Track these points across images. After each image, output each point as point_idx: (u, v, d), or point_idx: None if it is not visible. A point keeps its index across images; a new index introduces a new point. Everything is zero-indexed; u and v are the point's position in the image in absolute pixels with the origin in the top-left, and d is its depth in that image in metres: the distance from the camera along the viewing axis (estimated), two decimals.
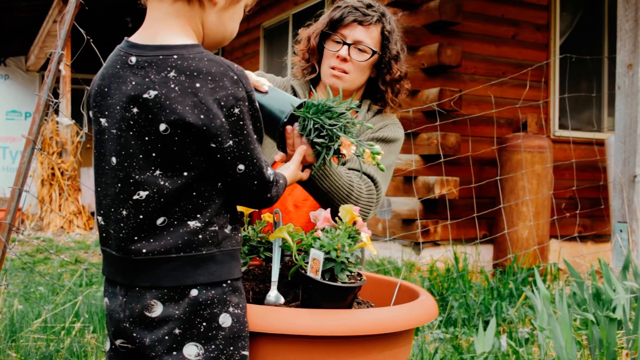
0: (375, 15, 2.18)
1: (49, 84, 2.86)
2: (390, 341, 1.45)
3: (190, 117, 1.25)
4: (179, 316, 1.29)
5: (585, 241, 6.71)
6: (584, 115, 7.26)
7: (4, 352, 3.00)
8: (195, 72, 1.28)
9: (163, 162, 1.29)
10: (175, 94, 1.27)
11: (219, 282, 1.31)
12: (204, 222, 1.31)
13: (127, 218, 1.30)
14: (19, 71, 13.74)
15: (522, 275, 4.78)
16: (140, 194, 1.29)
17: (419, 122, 5.84)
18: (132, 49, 1.34)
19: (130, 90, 1.31)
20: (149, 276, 1.29)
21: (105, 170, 1.34)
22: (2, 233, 2.82)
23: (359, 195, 2.00)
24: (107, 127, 1.34)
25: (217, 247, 1.32)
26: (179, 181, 1.29)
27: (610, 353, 2.74)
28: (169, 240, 1.29)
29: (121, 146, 1.31)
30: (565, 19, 7.11)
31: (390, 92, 2.27)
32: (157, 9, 1.38)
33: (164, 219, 1.29)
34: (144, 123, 1.29)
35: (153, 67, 1.30)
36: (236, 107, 1.29)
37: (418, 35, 6.00)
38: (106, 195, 1.34)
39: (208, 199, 1.32)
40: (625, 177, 4.30)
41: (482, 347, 3.06)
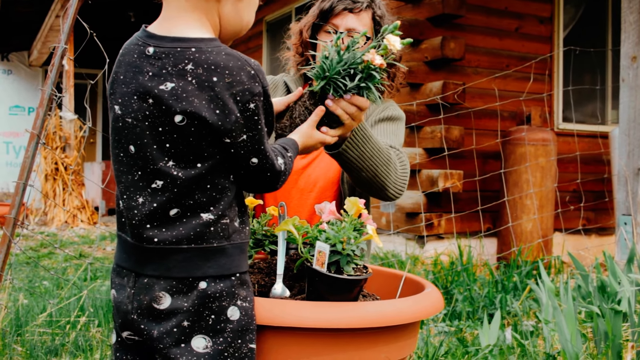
0: (364, 1, 2.18)
1: (53, 79, 2.86)
2: (396, 334, 1.45)
3: (206, 112, 1.26)
4: (188, 308, 1.29)
5: (590, 234, 6.70)
6: (587, 108, 7.25)
7: (10, 347, 3.01)
8: (213, 65, 1.28)
9: (177, 153, 1.29)
10: (192, 87, 1.27)
11: (228, 275, 1.31)
12: (217, 215, 1.31)
13: (142, 205, 1.31)
14: (21, 66, 13.75)
15: (526, 268, 4.77)
16: (157, 182, 1.30)
17: (423, 115, 5.83)
18: (150, 40, 1.35)
19: (147, 81, 1.31)
20: (159, 265, 1.30)
21: (121, 158, 1.35)
22: (7, 228, 2.82)
23: (395, 164, 1.98)
24: (122, 115, 1.35)
25: (228, 240, 1.32)
26: (192, 172, 1.29)
27: (615, 345, 2.74)
28: (181, 230, 1.29)
29: (137, 136, 1.32)
30: (569, 12, 7.08)
31: (386, 77, 2.24)
32: (174, 1, 1.38)
33: (177, 210, 1.30)
34: (158, 114, 1.29)
35: (170, 58, 1.31)
36: (252, 102, 1.29)
37: (421, 28, 5.98)
38: (121, 182, 1.35)
39: (221, 191, 1.32)
40: (629, 170, 4.29)
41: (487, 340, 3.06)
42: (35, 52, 12.22)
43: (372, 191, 1.98)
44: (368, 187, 1.95)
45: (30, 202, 10.02)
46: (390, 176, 1.96)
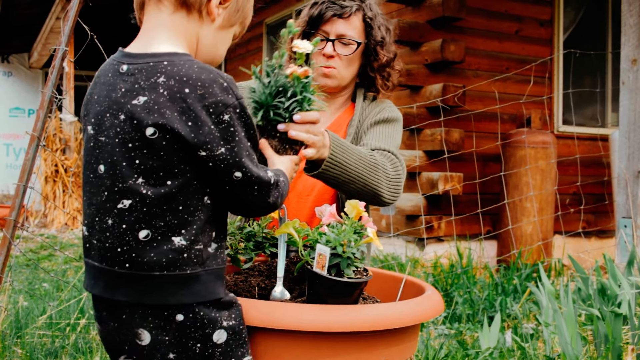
0: (354, 5, 2.15)
1: (53, 81, 2.86)
2: (397, 337, 1.45)
3: (178, 124, 1.24)
4: (170, 341, 1.25)
5: (590, 237, 6.70)
6: (587, 110, 7.25)
7: (10, 349, 3.01)
8: (185, 77, 1.27)
9: (146, 170, 1.25)
10: (164, 98, 1.26)
11: (204, 302, 1.27)
12: (189, 240, 1.26)
13: (112, 227, 1.27)
14: (22, 68, 13.75)
15: (526, 271, 4.77)
16: (124, 202, 1.26)
17: (423, 118, 5.83)
18: (124, 58, 1.35)
19: (120, 97, 1.30)
20: (130, 291, 1.26)
21: (91, 179, 1.32)
22: (7, 230, 2.82)
23: (385, 168, 1.97)
24: (94, 134, 1.33)
25: (202, 266, 1.28)
26: (162, 190, 1.25)
27: (615, 348, 2.74)
28: (152, 257, 1.25)
29: (108, 154, 1.29)
30: (569, 15, 7.09)
31: (380, 78, 2.23)
32: (154, 18, 1.38)
33: (148, 233, 1.25)
34: (129, 129, 1.27)
35: (143, 73, 1.30)
36: (225, 113, 1.26)
37: (421, 31, 5.99)
38: (91, 204, 1.32)
39: (193, 213, 1.28)
40: (629, 173, 4.29)
41: (487, 342, 3.06)
42: (35, 54, 12.22)
43: (366, 200, 1.97)
44: (361, 198, 1.93)
45: (30, 204, 10.02)
46: (380, 182, 1.95)
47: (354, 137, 2.20)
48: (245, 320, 1.34)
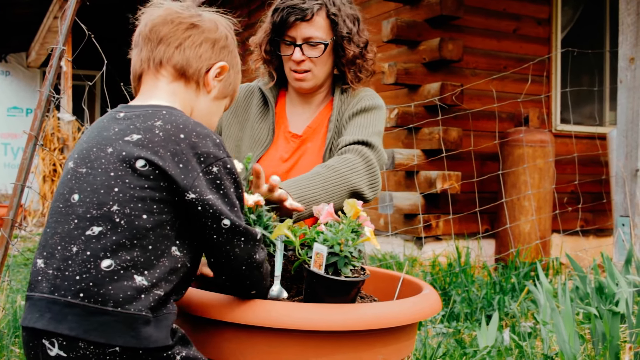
0: (315, 5, 2.11)
1: (51, 80, 2.85)
2: (394, 335, 1.45)
3: (170, 164, 1.25)
4: None
5: (588, 235, 6.70)
6: (585, 109, 7.25)
7: (8, 348, 3.00)
8: (182, 125, 1.30)
9: (124, 199, 1.24)
10: (158, 138, 1.28)
11: (154, 348, 1.21)
12: (151, 282, 1.22)
13: (76, 255, 1.22)
14: (19, 67, 13.72)
15: (524, 270, 4.77)
16: (93, 229, 1.23)
17: (421, 116, 5.83)
18: (123, 108, 1.38)
19: (111, 135, 1.32)
20: (77, 325, 1.18)
21: (60, 209, 1.30)
22: (5, 229, 2.82)
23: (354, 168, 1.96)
24: (74, 167, 1.33)
25: (155, 312, 1.22)
26: (136, 222, 1.23)
27: (613, 347, 2.74)
28: (109, 290, 1.19)
29: (87, 183, 1.28)
30: (567, 13, 7.09)
31: (349, 72, 2.20)
32: (152, 86, 1.43)
33: (111, 263, 1.20)
34: (114, 160, 1.27)
35: (140, 117, 1.32)
36: (215, 165, 1.29)
37: (419, 30, 5.98)
38: (55, 234, 1.27)
39: (159, 258, 1.25)
40: (627, 171, 4.29)
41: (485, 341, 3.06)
42: (33, 53, 12.20)
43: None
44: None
45: (28, 203, 10.01)
46: (350, 183, 1.95)
47: (334, 132, 2.19)
48: (244, 320, 1.34)
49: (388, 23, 5.91)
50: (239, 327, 1.35)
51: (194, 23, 1.45)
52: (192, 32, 1.44)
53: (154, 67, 1.43)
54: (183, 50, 1.42)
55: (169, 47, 1.42)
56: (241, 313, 1.34)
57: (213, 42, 1.46)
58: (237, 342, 1.37)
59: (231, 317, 1.34)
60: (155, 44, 1.42)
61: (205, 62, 1.45)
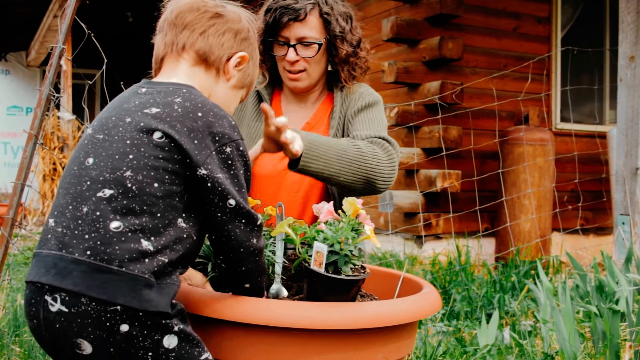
0: (307, 5, 2.08)
1: (51, 79, 2.85)
2: (394, 334, 1.45)
3: (185, 139, 1.29)
4: (117, 352, 1.21)
5: (588, 234, 6.70)
6: (585, 107, 7.25)
7: (8, 347, 3.00)
8: (200, 104, 1.35)
9: (138, 166, 1.27)
10: (176, 113, 1.32)
11: (153, 312, 1.22)
12: (156, 249, 1.25)
13: (86, 215, 1.25)
14: (19, 66, 13.71)
15: (524, 268, 4.78)
16: (105, 191, 1.26)
17: (421, 115, 5.83)
18: (145, 84, 1.43)
19: (131, 107, 1.36)
20: (81, 281, 1.20)
21: (74, 171, 1.33)
22: (5, 228, 2.82)
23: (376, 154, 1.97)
24: (92, 133, 1.37)
25: (158, 279, 1.24)
26: (147, 189, 1.26)
27: (613, 345, 2.74)
28: (116, 250, 1.21)
29: (103, 148, 1.31)
30: (567, 12, 7.09)
31: (342, 71, 2.19)
32: (173, 68, 1.48)
33: (120, 225, 1.23)
34: (132, 129, 1.31)
35: (161, 93, 1.37)
36: (228, 146, 1.33)
37: (419, 29, 5.98)
38: (67, 194, 1.30)
39: (166, 227, 1.28)
40: (627, 170, 4.29)
41: (485, 339, 3.06)
42: (33, 52, 12.19)
43: (359, 189, 1.97)
44: (354, 188, 1.94)
45: (28, 202, 10.01)
46: (370, 170, 1.94)
47: (337, 128, 2.19)
48: (243, 318, 1.34)
49: (388, 22, 5.90)
50: (238, 326, 1.35)
51: (218, 13, 1.50)
52: (216, 20, 1.49)
53: (176, 51, 1.48)
54: (207, 37, 1.47)
55: (193, 33, 1.47)
56: (241, 311, 1.34)
57: (235, 33, 1.51)
58: (237, 341, 1.37)
59: (231, 315, 1.34)
60: (180, 29, 1.48)
61: (227, 50, 1.50)
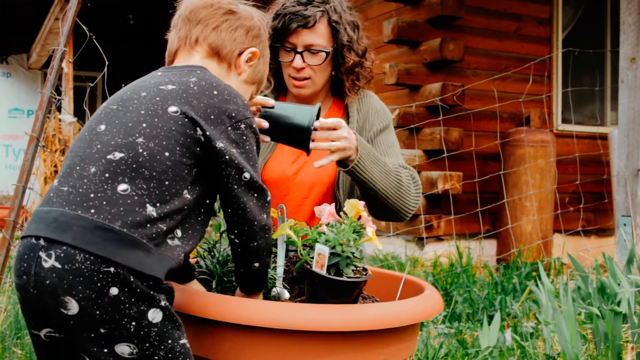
0: (317, 12, 2.06)
1: (52, 81, 2.86)
2: (396, 336, 1.45)
3: (201, 115, 1.34)
4: (102, 316, 1.20)
5: (589, 235, 6.70)
6: (587, 109, 7.25)
7: (10, 349, 3.00)
8: (215, 84, 1.40)
9: (150, 135, 1.30)
10: (192, 91, 1.37)
11: (147, 275, 1.22)
12: (159, 216, 1.26)
13: (94, 175, 1.26)
14: (21, 69, 13.72)
15: (526, 270, 4.77)
16: (115, 154, 1.28)
17: (422, 117, 5.83)
18: (162, 69, 1.49)
19: (147, 84, 1.40)
20: (81, 236, 1.20)
21: (85, 137, 1.36)
22: (6, 230, 2.82)
23: (409, 191, 2.08)
24: (106, 105, 1.40)
25: (157, 246, 1.26)
26: (158, 157, 1.29)
27: (615, 347, 2.74)
28: (120, 211, 1.23)
29: (116, 117, 1.35)
30: (568, 13, 7.09)
31: (347, 80, 2.18)
32: (187, 57, 1.53)
33: (127, 188, 1.25)
34: (147, 102, 1.35)
35: (176, 74, 1.43)
36: (243, 123, 1.38)
37: (420, 30, 5.98)
38: (75, 156, 1.32)
39: (173, 196, 1.30)
40: (628, 171, 4.29)
41: (487, 341, 3.06)
42: (34, 54, 12.20)
43: (385, 213, 2.09)
44: (382, 210, 2.07)
45: (30, 204, 10.01)
46: (402, 202, 2.06)
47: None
48: (245, 320, 1.34)
49: (389, 23, 5.91)
50: (239, 327, 1.35)
51: (231, 9, 1.56)
52: (229, 17, 1.55)
53: (189, 44, 1.53)
54: (220, 32, 1.53)
55: (206, 28, 1.52)
56: (242, 313, 1.34)
57: (247, 29, 1.56)
58: (238, 343, 1.37)
59: (232, 317, 1.34)
60: (194, 24, 1.53)
61: (238, 45, 1.55)
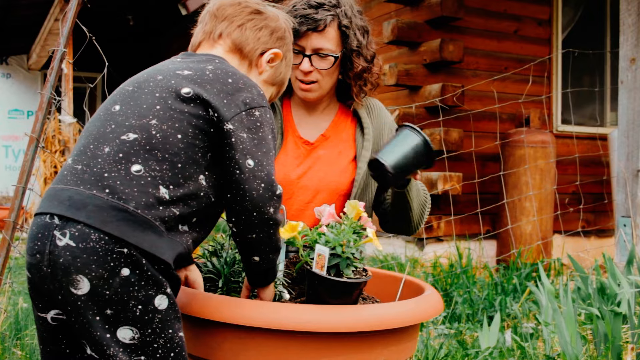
0: (328, 16, 2.05)
1: (52, 82, 2.86)
2: (396, 337, 1.45)
3: (215, 98, 1.34)
4: (110, 297, 1.20)
5: (589, 236, 6.70)
6: (586, 110, 7.25)
7: (10, 350, 3.00)
8: (231, 72, 1.41)
9: (164, 116, 1.31)
10: (207, 77, 1.38)
11: (159, 259, 1.23)
12: (172, 198, 1.27)
13: (108, 154, 1.27)
14: (20, 70, 13.73)
15: (525, 271, 4.77)
16: (129, 135, 1.29)
17: (422, 117, 5.83)
18: (182, 55, 1.51)
19: (163, 67, 1.42)
20: (96, 215, 1.21)
21: (100, 116, 1.37)
22: (6, 231, 2.82)
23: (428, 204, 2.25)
24: (122, 87, 1.42)
25: (168, 230, 1.27)
26: (171, 139, 1.30)
27: (615, 347, 2.74)
28: (134, 192, 1.24)
29: (131, 98, 1.36)
30: (568, 14, 7.09)
31: (355, 86, 2.17)
32: (209, 49, 1.55)
33: (141, 169, 1.26)
34: (162, 85, 1.36)
35: (194, 61, 1.44)
36: (257, 110, 1.38)
37: (420, 31, 5.98)
38: (89, 135, 1.33)
39: (186, 179, 1.30)
40: (628, 172, 4.29)
41: (487, 342, 3.06)
42: (34, 55, 12.20)
43: (400, 230, 2.26)
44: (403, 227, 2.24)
45: (30, 205, 10.00)
46: (420, 220, 2.21)
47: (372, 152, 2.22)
48: (245, 321, 1.34)
49: (389, 24, 5.91)
50: (240, 328, 1.35)
51: (258, 9, 1.58)
52: (255, 16, 1.56)
53: (212, 38, 1.55)
54: (244, 30, 1.54)
55: (231, 24, 1.54)
56: (243, 313, 1.34)
57: (272, 30, 1.58)
58: (239, 343, 1.37)
59: (233, 318, 1.34)
60: (220, 20, 1.55)
61: (261, 45, 1.56)
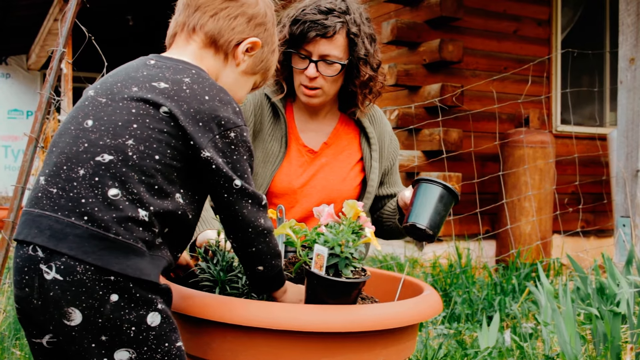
0: (337, 23, 2.03)
1: (51, 82, 2.86)
2: (395, 337, 1.45)
3: (190, 121, 1.30)
4: (103, 324, 1.20)
5: (588, 236, 6.70)
6: (586, 110, 7.25)
7: (9, 350, 3.00)
8: (208, 87, 1.35)
9: (141, 137, 1.27)
10: (184, 94, 1.32)
11: (145, 281, 1.23)
12: (150, 218, 1.25)
13: (83, 178, 1.23)
14: (20, 70, 13.72)
15: (525, 271, 4.77)
16: (104, 156, 1.25)
17: (421, 118, 5.83)
18: (155, 56, 1.43)
19: (138, 76, 1.35)
20: (77, 245, 1.19)
21: (70, 131, 1.31)
22: (5, 231, 2.82)
23: None
24: (94, 96, 1.35)
25: (149, 249, 1.26)
26: (147, 160, 1.26)
27: (614, 347, 2.74)
28: (113, 218, 1.21)
29: (104, 112, 1.30)
30: (567, 14, 7.09)
31: (360, 94, 2.16)
32: (183, 48, 1.47)
33: (118, 192, 1.23)
34: (138, 99, 1.30)
35: (170, 69, 1.37)
36: (233, 131, 1.33)
37: (419, 31, 5.98)
38: (61, 153, 1.28)
39: (164, 198, 1.28)
40: (627, 172, 4.29)
41: (486, 342, 3.06)
42: (33, 55, 12.19)
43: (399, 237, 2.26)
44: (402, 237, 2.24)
45: None
46: None
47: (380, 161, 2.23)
48: (244, 321, 1.34)
49: (388, 24, 5.91)
50: (239, 328, 1.35)
51: None
52: (230, 4, 1.47)
53: (187, 32, 1.47)
54: (217, 20, 1.46)
55: (204, 15, 1.46)
56: (241, 314, 1.34)
57: (250, 17, 1.49)
58: (238, 343, 1.37)
59: (231, 318, 1.34)
60: (192, 10, 1.47)
61: (237, 35, 1.48)
